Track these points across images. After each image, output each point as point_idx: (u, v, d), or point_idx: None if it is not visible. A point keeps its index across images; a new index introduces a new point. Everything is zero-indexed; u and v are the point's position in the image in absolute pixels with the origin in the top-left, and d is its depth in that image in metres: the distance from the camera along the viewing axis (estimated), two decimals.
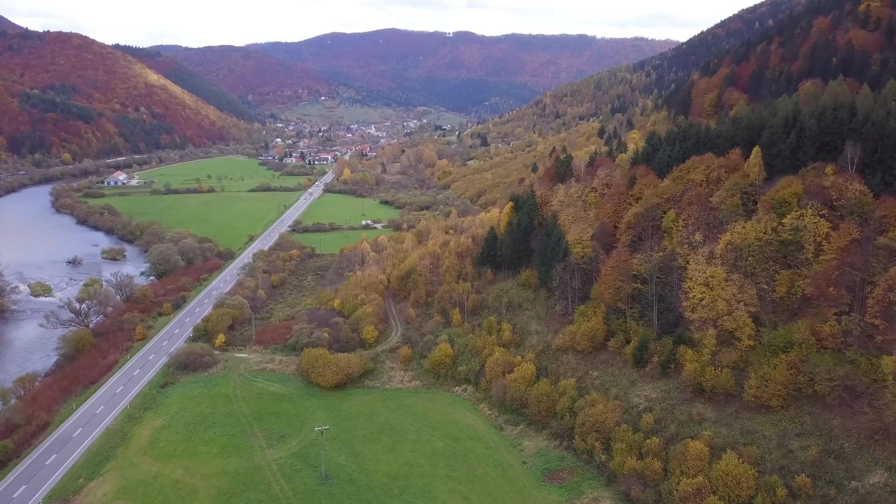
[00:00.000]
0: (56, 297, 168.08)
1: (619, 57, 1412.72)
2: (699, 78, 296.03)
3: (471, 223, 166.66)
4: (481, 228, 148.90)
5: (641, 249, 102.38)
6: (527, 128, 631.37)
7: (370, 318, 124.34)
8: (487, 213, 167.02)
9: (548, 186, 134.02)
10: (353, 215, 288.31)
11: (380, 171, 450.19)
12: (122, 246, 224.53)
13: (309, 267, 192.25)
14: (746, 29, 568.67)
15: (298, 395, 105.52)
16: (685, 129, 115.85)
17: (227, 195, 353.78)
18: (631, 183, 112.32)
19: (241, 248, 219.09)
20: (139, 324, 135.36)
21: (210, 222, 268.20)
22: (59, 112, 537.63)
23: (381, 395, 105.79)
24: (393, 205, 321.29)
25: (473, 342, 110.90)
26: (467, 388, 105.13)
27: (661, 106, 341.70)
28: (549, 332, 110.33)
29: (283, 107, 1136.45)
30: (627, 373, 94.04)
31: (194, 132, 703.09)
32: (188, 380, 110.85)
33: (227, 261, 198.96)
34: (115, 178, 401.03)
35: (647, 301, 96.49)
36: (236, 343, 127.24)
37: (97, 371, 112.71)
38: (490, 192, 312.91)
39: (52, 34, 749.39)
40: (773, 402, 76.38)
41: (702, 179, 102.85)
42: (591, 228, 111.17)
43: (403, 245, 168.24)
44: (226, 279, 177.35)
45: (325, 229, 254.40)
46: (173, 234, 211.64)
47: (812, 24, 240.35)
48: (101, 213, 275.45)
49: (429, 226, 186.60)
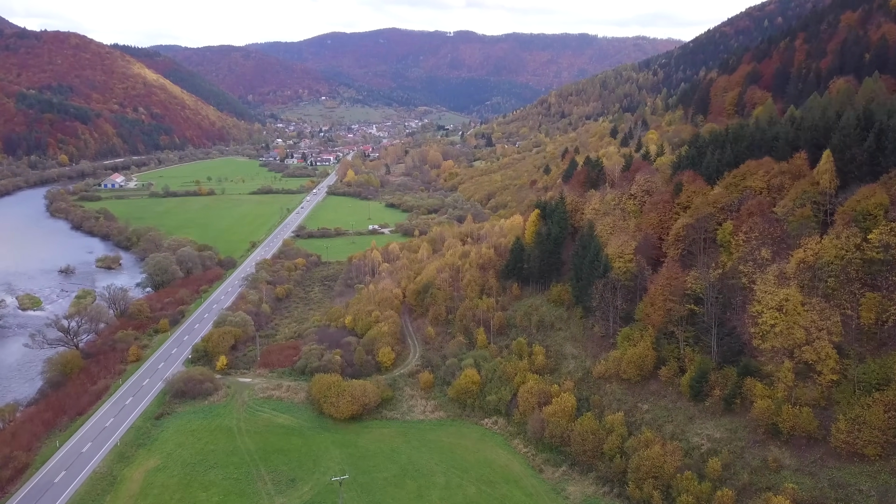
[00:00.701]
0: (46, 310, 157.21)
1: (620, 56, 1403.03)
2: (717, 76, 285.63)
3: (489, 231, 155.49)
4: (503, 237, 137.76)
5: (694, 265, 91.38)
6: (532, 128, 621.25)
7: (386, 339, 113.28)
8: (508, 219, 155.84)
9: (579, 192, 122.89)
10: (359, 219, 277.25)
11: (384, 173, 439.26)
12: (117, 253, 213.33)
13: (315, 277, 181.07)
14: (755, 27, 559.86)
15: (309, 428, 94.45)
16: (735, 130, 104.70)
17: (227, 198, 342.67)
18: (677, 190, 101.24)
19: (242, 255, 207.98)
20: (133, 343, 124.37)
21: (210, 227, 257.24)
22: (56, 113, 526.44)
23: (402, 427, 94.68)
24: (399, 208, 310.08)
25: (503, 367, 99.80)
26: (498, 421, 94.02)
27: (676, 105, 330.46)
28: (587, 357, 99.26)
29: (283, 107, 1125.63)
30: (683, 407, 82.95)
31: (194, 133, 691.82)
32: (186, 409, 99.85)
33: (229, 270, 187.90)
34: (113, 180, 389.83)
35: (703, 325, 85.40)
36: (239, 366, 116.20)
37: (85, 400, 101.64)
38: (500, 194, 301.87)
39: (50, 33, 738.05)
40: (869, 451, 65.33)
41: (761, 187, 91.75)
42: (634, 240, 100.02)
43: (418, 255, 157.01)
44: (227, 290, 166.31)
45: (330, 234, 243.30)
46: (171, 241, 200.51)
47: (840, 18, 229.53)
48: (96, 217, 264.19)
49: (443, 233, 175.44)
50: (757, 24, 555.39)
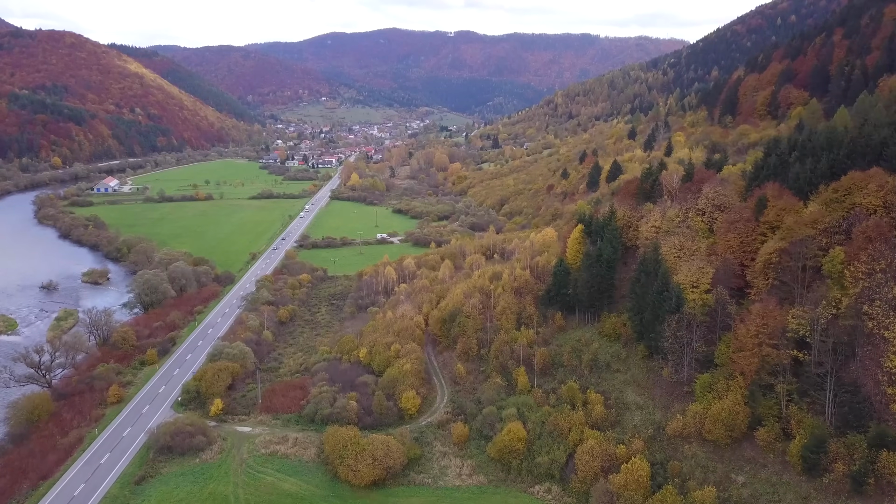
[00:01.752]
0: (21, 334, 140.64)
1: (623, 56, 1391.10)
2: (745, 75, 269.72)
3: (518, 246, 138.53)
4: (537, 255, 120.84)
5: (792, 300, 74.73)
6: (539, 129, 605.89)
7: (409, 379, 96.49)
8: (538, 232, 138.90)
9: (630, 206, 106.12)
10: (365, 227, 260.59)
11: (388, 176, 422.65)
12: (105, 266, 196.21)
13: (322, 294, 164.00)
14: (768, 25, 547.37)
15: (323, 497, 77.64)
16: (827, 133, 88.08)
17: (226, 203, 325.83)
18: (760, 206, 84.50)
19: (242, 269, 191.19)
20: (115, 380, 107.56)
21: (207, 236, 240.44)
22: (49, 113, 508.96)
23: (435, 497, 77.80)
24: (408, 214, 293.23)
25: (553, 420, 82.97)
26: (551, 489, 77.14)
27: (696, 105, 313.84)
28: (656, 408, 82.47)
29: (283, 107, 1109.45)
30: (793, 482, 66.23)
31: (192, 134, 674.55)
32: (174, 470, 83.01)
33: (227, 286, 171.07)
34: (106, 184, 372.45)
35: (813, 378, 68.74)
36: (237, 409, 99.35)
37: (52, 459, 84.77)
38: (514, 199, 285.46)
39: (45, 32, 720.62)
40: None
41: (876, 205, 75.01)
42: (710, 267, 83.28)
43: (439, 274, 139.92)
44: (224, 311, 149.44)
45: (336, 244, 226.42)
46: (164, 254, 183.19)
47: (883, 12, 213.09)
48: (85, 225, 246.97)
49: (463, 246, 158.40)
50: (769, 22, 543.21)
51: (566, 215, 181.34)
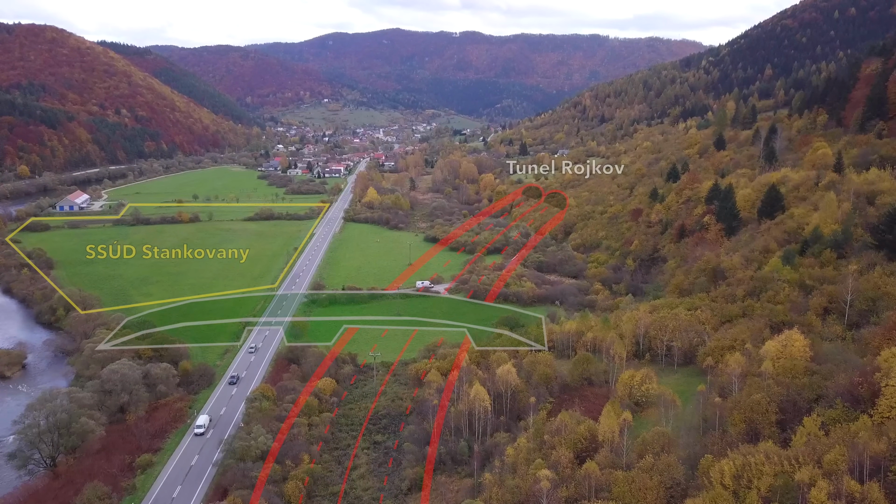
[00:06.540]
0: None
1: (634, 58, 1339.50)
2: (882, 67, 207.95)
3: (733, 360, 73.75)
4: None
5: None
6: (569, 133, 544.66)
7: None
8: (778, 340, 74.76)
9: None
10: (396, 263, 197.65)
11: (409, 189, 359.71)
12: (25, 341, 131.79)
13: (356, 416, 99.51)
14: (824, 19, 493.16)
15: None
16: None
17: (215, 227, 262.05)
18: None
19: (226, 355, 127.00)
20: None
21: (183, 283, 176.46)
22: (18, 115, 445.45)
23: None
24: (447, 245, 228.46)
25: None
26: None
27: (800, 107, 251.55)
28: None
29: (283, 109, 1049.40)
30: None
31: (184, 138, 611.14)
32: None
33: (200, 392, 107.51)
34: (72, 200, 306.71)
35: None
36: None
37: None
38: (582, 226, 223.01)
39: (23, 27, 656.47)
40: None
41: None
42: None
43: (583, 427, 73.05)
44: (191, 462, 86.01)
45: (362, 298, 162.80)
46: (103, 351, 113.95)
47: None
48: (21, 266, 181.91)
49: (604, 341, 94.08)
50: (826, 16, 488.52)
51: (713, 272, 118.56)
